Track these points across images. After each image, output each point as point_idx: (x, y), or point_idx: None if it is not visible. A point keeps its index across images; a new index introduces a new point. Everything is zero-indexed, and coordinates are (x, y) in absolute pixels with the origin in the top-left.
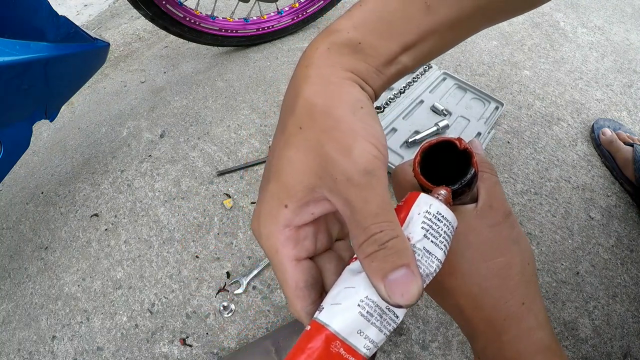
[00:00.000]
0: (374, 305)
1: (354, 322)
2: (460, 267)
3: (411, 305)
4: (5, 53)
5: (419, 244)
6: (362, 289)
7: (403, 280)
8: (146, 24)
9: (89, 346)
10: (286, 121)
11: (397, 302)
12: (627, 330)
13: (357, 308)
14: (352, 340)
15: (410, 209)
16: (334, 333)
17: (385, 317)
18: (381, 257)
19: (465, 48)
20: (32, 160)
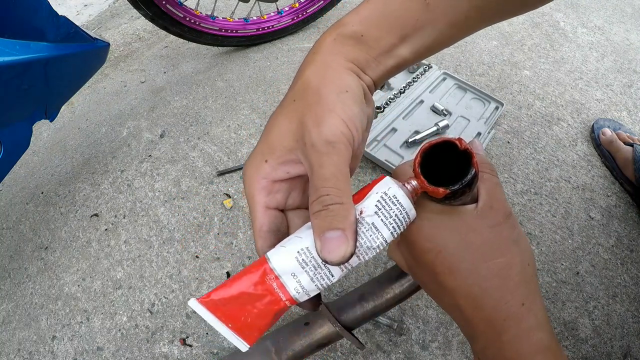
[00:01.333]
0: (311, 257)
1: (289, 264)
2: (461, 268)
3: (336, 264)
4: (5, 53)
5: (368, 218)
6: (306, 240)
7: (335, 241)
8: (146, 24)
9: (89, 346)
10: (287, 94)
11: (324, 257)
12: (627, 330)
13: (296, 254)
14: (284, 278)
15: (373, 187)
16: (272, 268)
17: (320, 270)
18: (322, 217)
19: (465, 48)
20: (32, 160)
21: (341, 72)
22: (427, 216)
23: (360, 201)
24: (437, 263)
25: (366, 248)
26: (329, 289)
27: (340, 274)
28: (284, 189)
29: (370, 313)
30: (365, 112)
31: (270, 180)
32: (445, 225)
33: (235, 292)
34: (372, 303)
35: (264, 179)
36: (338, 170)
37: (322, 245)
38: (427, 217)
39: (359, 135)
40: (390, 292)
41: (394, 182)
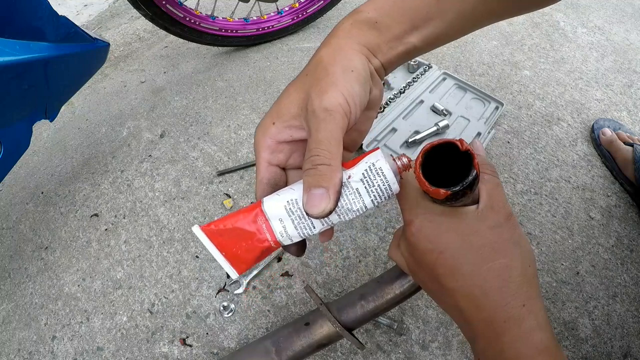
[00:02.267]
0: (297, 207)
1: (278, 210)
2: (461, 269)
3: (316, 217)
4: (5, 53)
5: (353, 184)
6: (296, 193)
7: (318, 197)
8: (146, 24)
9: (89, 346)
10: (302, 70)
11: (307, 210)
12: (627, 330)
13: (285, 203)
14: (273, 221)
15: (365, 157)
16: (264, 211)
17: (303, 221)
18: (311, 175)
19: (465, 48)
20: (32, 160)
21: (351, 53)
22: (428, 217)
23: (351, 167)
24: (438, 264)
25: (346, 209)
26: (329, 288)
27: (320, 227)
28: (287, 150)
29: (370, 313)
30: (366, 92)
31: (275, 141)
32: (446, 226)
33: (231, 226)
34: (372, 303)
35: (270, 139)
36: (331, 135)
37: (307, 200)
38: (428, 218)
39: (356, 109)
40: (391, 292)
41: (383, 155)
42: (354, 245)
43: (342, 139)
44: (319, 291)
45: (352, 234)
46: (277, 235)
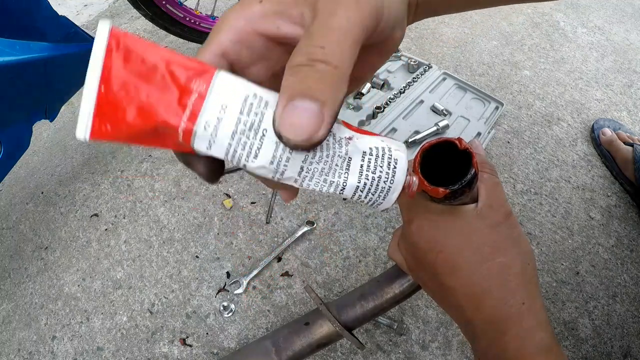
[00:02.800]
0: (258, 113)
1: (231, 97)
2: (461, 267)
3: (291, 145)
4: (5, 53)
5: (350, 149)
6: (269, 94)
7: (305, 114)
8: (146, 24)
9: (89, 346)
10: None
11: (278, 127)
12: (627, 330)
13: (247, 93)
14: (210, 102)
15: (383, 137)
16: (212, 81)
17: (252, 137)
18: (302, 74)
19: (465, 48)
20: (32, 160)
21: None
22: (427, 216)
23: (362, 133)
24: (438, 263)
25: (318, 175)
26: (329, 288)
27: (267, 166)
28: (256, 51)
29: (370, 313)
30: (393, 13)
31: (251, 28)
32: (445, 225)
33: (154, 58)
34: (372, 303)
35: (246, 21)
36: (350, 28)
37: (284, 113)
38: (428, 217)
39: (386, 24)
40: (391, 292)
41: (405, 153)
42: (354, 245)
43: (359, 41)
44: (319, 291)
45: (352, 234)
46: (198, 125)
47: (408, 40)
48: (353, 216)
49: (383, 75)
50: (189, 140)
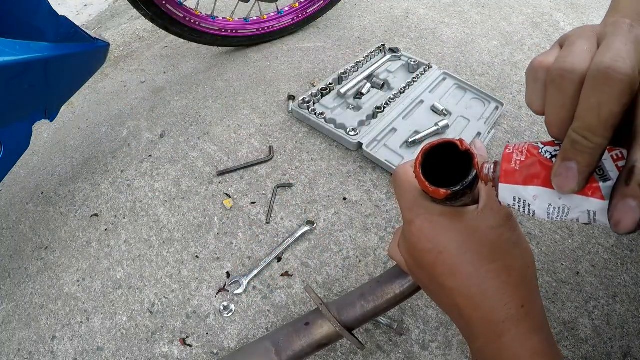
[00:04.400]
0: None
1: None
2: (461, 269)
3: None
4: (5, 53)
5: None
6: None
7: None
8: (146, 24)
9: (89, 346)
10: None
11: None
12: (627, 330)
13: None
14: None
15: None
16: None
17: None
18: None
19: (465, 48)
20: (32, 160)
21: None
22: (428, 217)
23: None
24: (438, 264)
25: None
26: (329, 288)
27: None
28: None
29: (370, 313)
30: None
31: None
32: (446, 226)
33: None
34: (372, 303)
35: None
36: None
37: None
38: (428, 218)
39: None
40: (391, 292)
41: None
42: (354, 245)
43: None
44: (319, 291)
45: (352, 234)
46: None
47: (408, 40)
48: (353, 216)
49: (383, 75)
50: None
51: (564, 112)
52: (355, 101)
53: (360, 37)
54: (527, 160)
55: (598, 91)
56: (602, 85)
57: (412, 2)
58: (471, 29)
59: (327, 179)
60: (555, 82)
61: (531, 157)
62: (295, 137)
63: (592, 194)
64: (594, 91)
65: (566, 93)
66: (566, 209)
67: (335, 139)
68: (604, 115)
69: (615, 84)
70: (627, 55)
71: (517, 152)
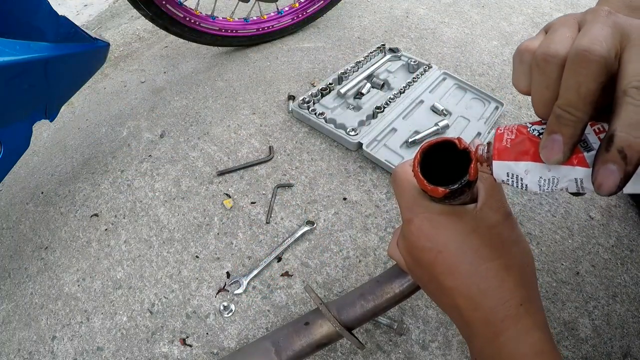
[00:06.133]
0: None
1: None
2: (460, 267)
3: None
4: (5, 53)
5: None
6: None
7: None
8: (146, 24)
9: (89, 346)
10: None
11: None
12: (627, 330)
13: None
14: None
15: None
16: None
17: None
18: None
19: (465, 48)
20: (32, 160)
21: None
22: (427, 216)
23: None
24: (437, 263)
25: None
26: (329, 288)
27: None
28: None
29: (370, 313)
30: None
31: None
32: (444, 225)
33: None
34: (372, 303)
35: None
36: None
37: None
38: (427, 217)
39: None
40: (391, 291)
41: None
42: (354, 245)
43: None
44: (319, 291)
45: (352, 234)
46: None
47: (408, 40)
48: (353, 216)
49: (383, 75)
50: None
51: (549, 93)
52: (355, 101)
53: (360, 37)
54: (517, 138)
55: (577, 72)
56: (580, 66)
57: (412, 2)
58: (471, 29)
59: (327, 179)
60: (539, 65)
61: (521, 135)
62: (295, 137)
63: (578, 162)
64: (573, 72)
65: (550, 75)
66: (555, 179)
67: (335, 139)
68: (583, 92)
69: (592, 65)
70: (603, 39)
71: (507, 131)
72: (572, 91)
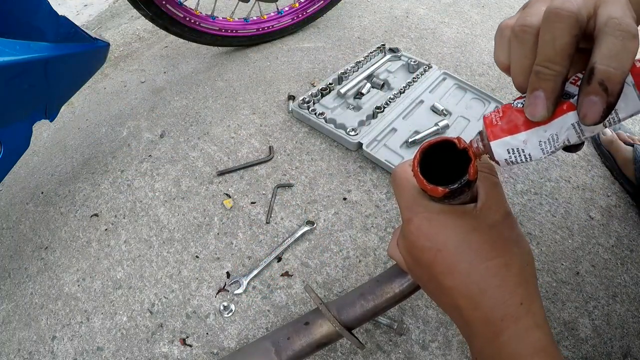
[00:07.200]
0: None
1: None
2: (459, 267)
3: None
4: (5, 53)
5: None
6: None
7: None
8: (146, 24)
9: (89, 346)
10: None
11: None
12: (627, 330)
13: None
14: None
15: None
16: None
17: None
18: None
19: (465, 48)
20: (32, 160)
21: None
22: (426, 215)
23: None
24: (436, 262)
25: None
26: (329, 288)
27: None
28: None
29: (370, 313)
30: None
31: None
32: (444, 224)
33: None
34: (372, 302)
35: None
36: None
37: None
38: (427, 216)
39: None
40: (390, 291)
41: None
42: (354, 245)
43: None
44: (319, 291)
45: (352, 234)
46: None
47: (408, 40)
48: (353, 216)
49: (383, 75)
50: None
51: (527, 61)
52: (355, 101)
53: (360, 37)
54: (505, 114)
55: (551, 28)
56: (553, 22)
57: (412, 2)
58: (471, 29)
59: (327, 179)
60: (517, 36)
61: (508, 111)
62: (295, 137)
63: (567, 108)
64: (548, 28)
65: (527, 44)
66: (554, 136)
67: (335, 139)
68: (559, 46)
69: (564, 19)
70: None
71: (494, 114)
72: (549, 47)
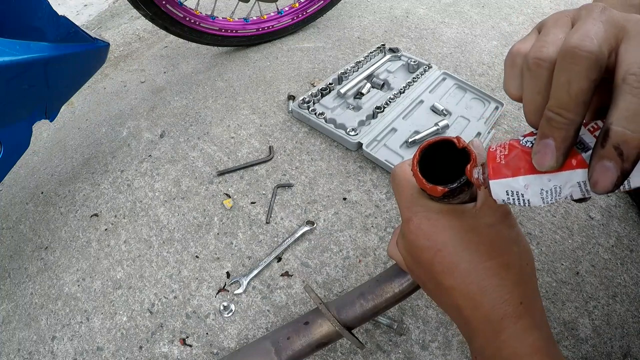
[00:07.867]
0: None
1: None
2: (459, 266)
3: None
4: (5, 53)
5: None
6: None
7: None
8: (146, 24)
9: (89, 346)
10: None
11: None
12: (627, 330)
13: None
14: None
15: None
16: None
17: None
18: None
19: (465, 48)
20: (32, 160)
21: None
22: (426, 215)
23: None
24: (436, 262)
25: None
26: (329, 288)
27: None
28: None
29: (370, 312)
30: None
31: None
32: (443, 224)
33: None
34: (372, 302)
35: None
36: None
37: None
38: (426, 216)
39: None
40: (390, 291)
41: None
42: (354, 245)
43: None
44: (319, 291)
45: (352, 234)
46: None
47: (408, 40)
48: (353, 216)
49: (383, 75)
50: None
51: (540, 99)
52: (355, 101)
53: (360, 37)
54: (511, 153)
55: (567, 69)
56: (569, 63)
57: (412, 2)
58: (471, 29)
59: (327, 179)
60: (531, 70)
61: (514, 150)
62: (295, 137)
63: (577, 164)
64: (563, 70)
65: (541, 80)
66: (558, 188)
67: (335, 139)
68: (574, 91)
69: (582, 61)
70: (594, 35)
71: (500, 148)
72: (563, 91)
